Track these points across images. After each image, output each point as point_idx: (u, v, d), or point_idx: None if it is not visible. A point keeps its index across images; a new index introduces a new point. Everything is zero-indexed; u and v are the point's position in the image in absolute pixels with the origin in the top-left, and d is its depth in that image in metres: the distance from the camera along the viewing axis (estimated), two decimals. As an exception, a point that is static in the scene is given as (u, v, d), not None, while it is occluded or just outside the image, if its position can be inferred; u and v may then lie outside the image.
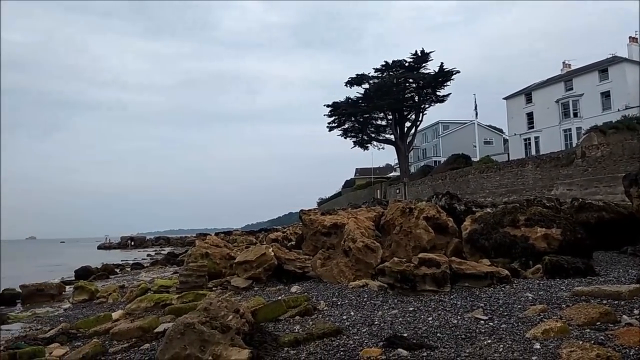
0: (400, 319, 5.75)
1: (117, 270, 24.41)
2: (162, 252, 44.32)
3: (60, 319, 10.34)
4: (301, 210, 12.21)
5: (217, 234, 30.62)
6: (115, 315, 8.70)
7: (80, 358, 5.71)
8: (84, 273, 21.58)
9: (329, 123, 59.63)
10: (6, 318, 11.41)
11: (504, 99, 54.31)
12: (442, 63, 53.50)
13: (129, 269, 25.48)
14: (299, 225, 26.03)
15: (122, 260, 31.99)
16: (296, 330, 5.59)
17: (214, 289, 10.07)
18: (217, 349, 4.74)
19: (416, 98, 56.76)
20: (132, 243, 69.86)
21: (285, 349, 4.91)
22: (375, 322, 5.70)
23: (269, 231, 36.32)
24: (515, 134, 52.19)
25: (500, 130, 68.69)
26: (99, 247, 69.57)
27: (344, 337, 5.21)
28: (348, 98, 58.37)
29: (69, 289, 16.11)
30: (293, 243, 16.70)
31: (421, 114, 57.53)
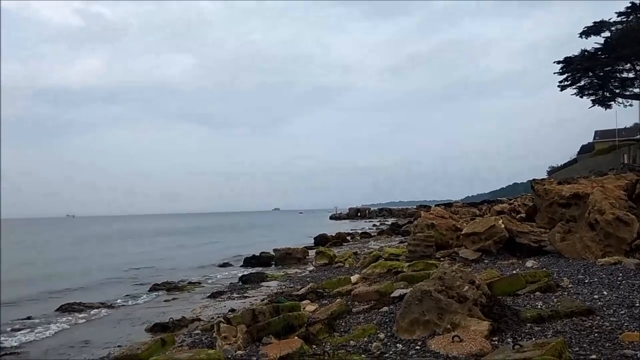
0: (670, 304, 4.91)
1: (349, 239, 26.55)
2: (386, 222, 46.41)
3: (308, 279, 11.81)
4: (533, 180, 11.32)
5: (436, 206, 30.60)
6: (353, 278, 9.51)
7: (329, 314, 6.42)
8: (321, 240, 24.14)
9: (560, 82, 53.05)
10: (265, 276, 13.56)
11: None
12: None
13: (358, 238, 27.44)
14: (528, 197, 24.18)
15: (351, 230, 34.62)
16: (538, 307, 5.26)
17: (441, 259, 10.15)
18: (455, 317, 4.80)
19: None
20: (359, 214, 74.74)
21: (528, 324, 4.67)
22: (637, 304, 4.98)
23: (493, 203, 34.60)
24: None
25: None
26: (331, 218, 76.65)
27: (598, 317, 4.70)
28: (584, 51, 50.80)
29: (311, 253, 18.24)
30: (522, 215, 15.61)
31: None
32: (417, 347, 4.46)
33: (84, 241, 40.52)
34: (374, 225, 44.30)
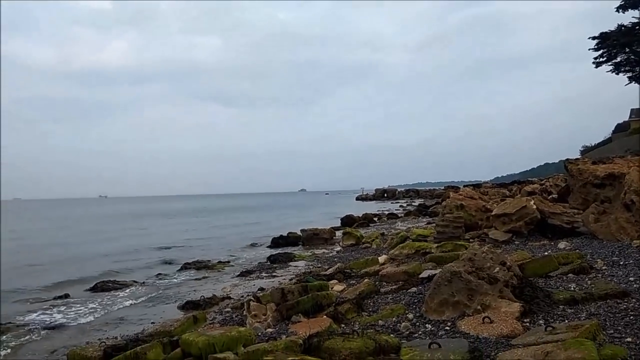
0: None
1: (376, 219, 26.54)
2: (413, 203, 46.13)
3: (335, 259, 11.88)
4: (567, 160, 11.01)
5: (465, 187, 30.18)
6: (381, 259, 9.52)
7: (357, 294, 6.46)
8: (348, 221, 24.19)
9: (595, 58, 51.16)
10: (293, 256, 13.70)
11: None
12: None
13: (385, 219, 27.39)
14: (560, 177, 23.57)
15: (378, 210, 34.57)
16: (572, 289, 5.16)
17: (470, 240, 10.04)
18: (486, 299, 4.75)
19: None
20: (385, 195, 74.45)
21: (561, 306, 4.59)
22: (675, 288, 4.84)
23: (523, 183, 33.90)
24: None
25: None
26: (357, 199, 76.59)
27: (633, 300, 4.58)
28: (620, 25, 48.72)
29: (338, 234, 18.32)
30: (554, 196, 15.26)
31: None
32: (447, 328, 4.45)
33: (116, 221, 41.66)
34: (400, 206, 44.09)
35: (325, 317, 5.46)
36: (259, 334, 5.23)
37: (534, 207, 9.51)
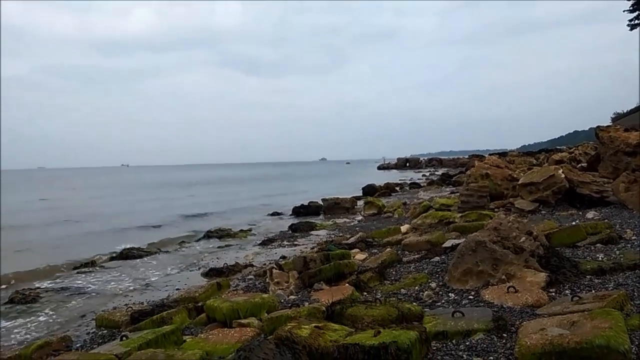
0: None
1: (398, 189, 26.38)
2: (436, 172, 45.69)
3: (357, 228, 11.88)
4: (598, 127, 10.66)
5: (490, 155, 29.67)
6: (403, 228, 9.47)
7: (380, 263, 6.45)
8: (370, 190, 24.10)
9: (630, 20, 48.98)
10: (314, 225, 13.76)
11: None
12: None
13: (407, 188, 27.22)
14: (590, 145, 22.96)
15: (400, 180, 34.33)
16: (599, 259, 5.05)
17: (495, 210, 9.89)
18: (511, 268, 4.69)
19: None
20: (408, 164, 73.88)
21: (588, 276, 4.50)
22: None
23: (551, 152, 33.20)
24: None
25: None
26: (379, 168, 76.21)
27: (664, 271, 4.46)
28: (659, -15, 46.36)
29: (359, 203, 18.30)
30: (584, 165, 14.89)
31: None
32: (470, 297, 4.41)
33: (139, 190, 42.44)
34: (423, 175, 43.70)
35: (347, 285, 5.47)
36: (282, 300, 5.29)
37: (562, 176, 9.29)
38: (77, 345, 5.03)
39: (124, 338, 4.09)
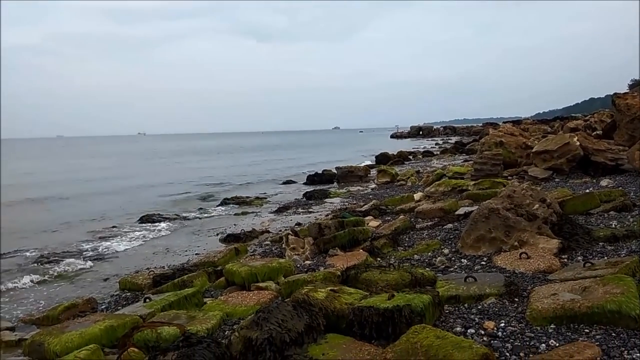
0: None
1: (411, 157, 26.31)
2: (450, 141, 45.30)
3: (370, 196, 11.97)
4: (615, 94, 10.46)
5: (504, 123, 29.31)
6: (416, 196, 9.53)
7: (393, 230, 6.56)
8: (383, 158, 24.10)
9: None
10: (328, 193, 13.88)
11: None
12: None
13: (420, 156, 27.12)
14: (606, 113, 22.54)
15: (413, 148, 34.18)
16: (613, 226, 5.09)
17: (509, 178, 9.89)
18: (523, 235, 4.75)
19: None
20: (421, 132, 73.23)
21: (601, 243, 4.55)
22: None
23: (566, 119, 32.69)
24: None
25: None
26: (392, 136, 75.73)
27: (677, 238, 4.49)
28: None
29: (372, 172, 18.35)
30: (599, 132, 14.68)
31: None
32: (483, 263, 4.51)
33: (156, 157, 42.88)
34: (436, 143, 43.38)
35: (361, 251, 5.60)
36: (298, 265, 5.44)
37: (577, 143, 9.22)
38: (102, 307, 5.24)
39: (148, 300, 4.28)
